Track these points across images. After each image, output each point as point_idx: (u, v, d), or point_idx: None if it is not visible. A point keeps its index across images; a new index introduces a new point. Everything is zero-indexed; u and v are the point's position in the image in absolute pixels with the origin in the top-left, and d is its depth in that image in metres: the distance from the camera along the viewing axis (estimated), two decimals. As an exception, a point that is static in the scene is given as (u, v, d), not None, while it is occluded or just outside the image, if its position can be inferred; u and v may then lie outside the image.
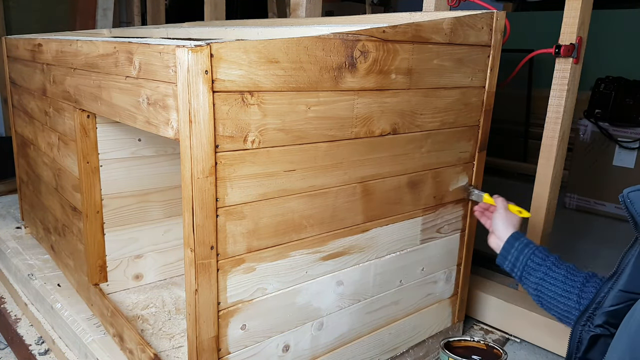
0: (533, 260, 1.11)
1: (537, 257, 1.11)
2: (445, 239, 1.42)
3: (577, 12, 1.44)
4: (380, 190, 1.19)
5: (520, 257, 1.13)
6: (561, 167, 1.59)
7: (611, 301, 0.84)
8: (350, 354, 1.26)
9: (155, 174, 1.53)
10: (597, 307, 0.86)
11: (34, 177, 1.86)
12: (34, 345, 1.50)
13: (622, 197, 0.80)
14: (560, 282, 1.05)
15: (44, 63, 1.54)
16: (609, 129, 2.63)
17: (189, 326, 0.96)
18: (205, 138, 0.86)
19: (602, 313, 0.85)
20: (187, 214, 0.89)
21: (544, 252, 1.12)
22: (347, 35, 1.00)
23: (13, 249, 1.88)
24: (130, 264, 1.54)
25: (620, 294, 0.83)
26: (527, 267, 1.11)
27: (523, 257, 1.12)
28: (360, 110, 1.08)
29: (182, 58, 0.82)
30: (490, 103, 1.38)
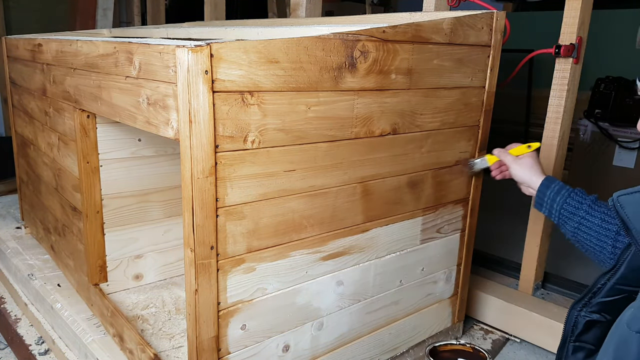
0: (566, 209, 1.11)
1: (570, 205, 1.11)
2: (445, 239, 1.42)
3: (577, 12, 1.44)
4: (380, 190, 1.19)
5: (554, 205, 1.13)
6: (561, 167, 1.59)
7: (606, 292, 0.86)
8: (350, 354, 1.26)
9: (155, 174, 1.53)
10: (593, 296, 0.88)
11: (34, 177, 1.86)
12: (34, 345, 1.50)
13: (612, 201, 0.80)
14: (595, 231, 1.05)
15: (44, 63, 1.54)
16: (609, 129, 2.63)
17: (189, 326, 0.96)
18: (205, 138, 0.86)
19: (597, 302, 0.87)
20: (187, 214, 0.89)
21: (578, 197, 1.12)
22: (347, 35, 1.00)
23: (13, 249, 1.88)
24: (130, 264, 1.54)
25: (614, 287, 0.85)
26: (562, 216, 1.11)
27: (557, 205, 1.12)
28: (360, 110, 1.08)
29: (182, 58, 0.82)
30: (490, 103, 1.38)
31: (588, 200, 1.11)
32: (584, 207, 1.09)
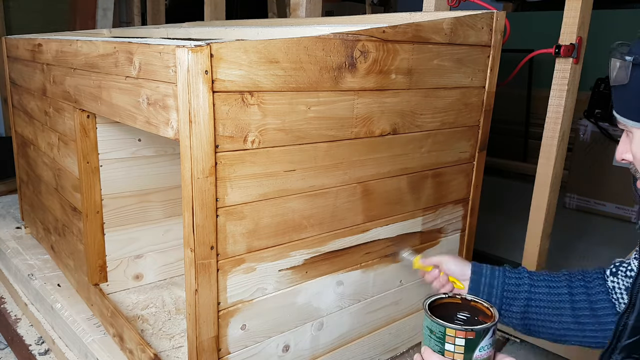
0: (509, 290, 0.99)
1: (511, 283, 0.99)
2: (445, 239, 1.42)
3: (577, 12, 1.44)
4: (380, 190, 1.19)
5: (494, 290, 1.00)
6: (561, 167, 1.59)
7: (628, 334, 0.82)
8: (350, 354, 1.26)
9: (155, 174, 1.53)
10: (618, 340, 0.84)
11: (34, 177, 1.86)
12: (34, 345, 1.50)
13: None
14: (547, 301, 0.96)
15: (44, 63, 1.54)
16: (609, 129, 2.63)
17: (189, 326, 0.96)
18: (205, 138, 0.86)
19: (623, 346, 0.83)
20: (187, 214, 0.89)
21: (512, 272, 1.01)
22: (347, 35, 1.00)
23: (13, 249, 1.88)
24: (130, 264, 1.54)
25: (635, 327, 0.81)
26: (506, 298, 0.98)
27: (496, 289, 0.99)
28: (360, 110, 1.08)
29: (182, 58, 0.82)
30: (490, 103, 1.38)
31: (523, 271, 1.01)
32: (525, 280, 0.99)
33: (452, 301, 0.83)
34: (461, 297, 0.83)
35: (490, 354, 0.74)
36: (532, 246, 1.64)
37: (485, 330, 0.73)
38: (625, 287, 0.94)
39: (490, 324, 0.74)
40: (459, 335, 0.73)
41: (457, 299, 0.83)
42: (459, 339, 0.73)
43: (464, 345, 0.73)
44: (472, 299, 0.83)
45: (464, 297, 0.83)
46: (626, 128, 0.79)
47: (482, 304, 0.81)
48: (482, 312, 0.81)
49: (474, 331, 0.72)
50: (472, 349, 0.73)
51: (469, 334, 0.72)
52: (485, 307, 0.80)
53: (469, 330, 0.72)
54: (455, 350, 0.73)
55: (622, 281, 0.94)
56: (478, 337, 0.72)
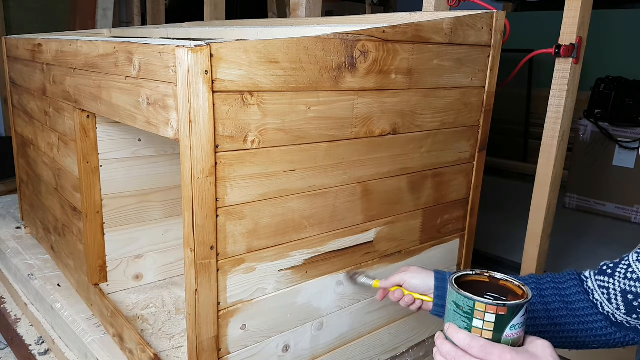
0: None
1: None
2: (445, 239, 1.42)
3: (577, 12, 1.44)
4: (380, 190, 1.19)
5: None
6: (561, 167, 1.59)
7: None
8: (350, 354, 1.26)
9: (155, 174, 1.53)
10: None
11: (34, 177, 1.86)
12: (34, 345, 1.50)
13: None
14: None
15: (44, 63, 1.54)
16: (609, 129, 2.63)
17: (189, 326, 0.96)
18: (205, 138, 0.86)
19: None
20: (187, 214, 0.89)
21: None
22: (347, 35, 1.00)
23: (13, 249, 1.88)
24: (130, 264, 1.54)
25: None
26: None
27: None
28: (360, 110, 1.08)
29: (182, 58, 0.82)
30: (490, 103, 1.38)
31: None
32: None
33: (480, 279, 0.76)
34: (489, 275, 0.77)
35: (521, 334, 0.68)
36: (532, 246, 1.64)
37: (518, 306, 0.66)
38: (622, 290, 0.91)
39: (524, 300, 0.67)
40: (490, 310, 0.66)
41: (485, 277, 0.76)
42: (489, 315, 0.66)
43: (494, 321, 0.66)
44: (501, 277, 0.76)
45: (493, 275, 0.77)
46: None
47: (513, 283, 0.74)
48: (512, 292, 0.74)
49: (506, 306, 0.66)
50: (503, 326, 0.66)
51: (501, 309, 0.66)
52: (516, 287, 0.74)
53: (501, 306, 0.66)
54: (484, 327, 0.67)
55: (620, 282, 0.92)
56: (510, 314, 0.66)
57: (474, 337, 0.67)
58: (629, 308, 0.89)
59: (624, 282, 0.91)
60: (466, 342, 0.67)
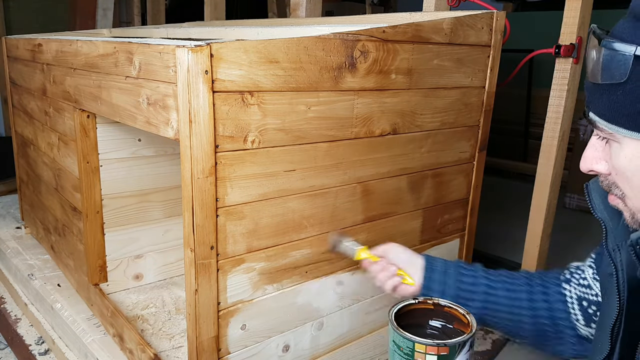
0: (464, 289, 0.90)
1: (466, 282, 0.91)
2: (445, 239, 1.42)
3: (577, 12, 1.44)
4: (380, 190, 1.19)
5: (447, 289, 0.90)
6: (561, 167, 1.59)
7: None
8: (350, 354, 1.26)
9: (155, 174, 1.53)
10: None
11: (34, 177, 1.86)
12: (34, 345, 1.50)
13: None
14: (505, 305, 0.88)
15: (44, 63, 1.54)
16: (609, 129, 2.63)
17: (189, 326, 0.96)
18: (205, 138, 0.86)
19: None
20: (187, 214, 0.89)
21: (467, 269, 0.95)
22: (347, 35, 1.00)
23: (13, 249, 1.88)
24: (130, 264, 1.54)
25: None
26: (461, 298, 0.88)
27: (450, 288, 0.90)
28: (360, 110, 1.08)
29: (182, 58, 0.82)
30: (490, 103, 1.38)
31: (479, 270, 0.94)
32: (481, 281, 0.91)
33: (424, 307, 0.74)
34: (433, 302, 0.75)
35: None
36: (532, 246, 1.64)
37: (461, 344, 0.63)
38: (578, 297, 0.88)
39: (467, 335, 0.64)
40: (430, 351, 0.62)
41: (429, 305, 0.74)
42: (430, 356, 0.63)
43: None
44: (445, 304, 0.74)
45: (437, 302, 0.75)
46: (608, 136, 0.66)
47: (458, 310, 0.72)
48: (457, 319, 0.71)
49: (447, 346, 0.62)
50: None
51: (442, 349, 0.62)
52: (461, 314, 0.71)
53: (442, 345, 0.62)
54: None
55: (575, 289, 0.89)
56: (453, 353, 0.62)
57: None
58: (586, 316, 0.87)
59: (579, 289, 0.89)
60: None
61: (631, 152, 0.63)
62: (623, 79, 0.59)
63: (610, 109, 0.63)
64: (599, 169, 0.69)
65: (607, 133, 0.65)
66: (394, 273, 0.98)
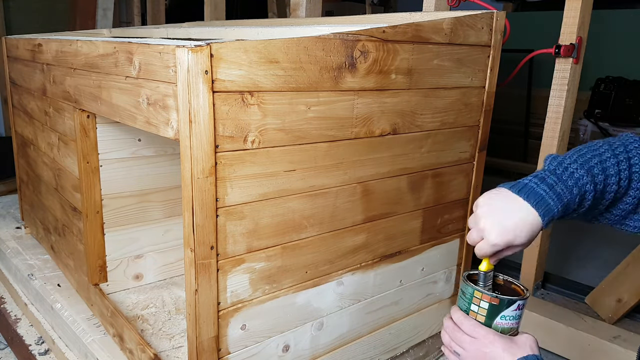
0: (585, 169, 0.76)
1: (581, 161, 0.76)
2: (445, 239, 1.41)
3: (577, 12, 1.44)
4: (380, 190, 1.19)
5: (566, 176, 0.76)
6: (561, 167, 1.59)
7: None
8: (350, 354, 1.26)
9: (155, 174, 1.53)
10: None
11: (34, 177, 1.86)
12: (34, 345, 1.50)
13: None
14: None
15: (44, 63, 1.54)
16: (609, 129, 2.63)
17: (189, 326, 0.96)
18: (205, 138, 0.86)
19: None
20: (187, 214, 0.89)
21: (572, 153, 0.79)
22: (347, 35, 1.00)
23: (13, 249, 1.88)
24: (130, 264, 1.54)
25: None
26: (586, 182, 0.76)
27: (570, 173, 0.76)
28: (360, 110, 1.08)
29: (182, 58, 0.82)
30: (490, 103, 1.38)
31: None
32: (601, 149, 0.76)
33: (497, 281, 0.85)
34: (504, 278, 0.86)
35: (513, 326, 0.77)
36: (532, 246, 1.64)
37: (510, 301, 0.76)
38: None
39: (517, 297, 0.77)
40: (485, 298, 0.77)
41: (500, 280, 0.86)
42: (483, 302, 0.77)
43: (487, 308, 0.77)
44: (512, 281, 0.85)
45: (506, 279, 0.86)
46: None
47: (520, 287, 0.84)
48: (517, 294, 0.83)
49: (498, 298, 0.76)
50: (494, 314, 0.76)
51: (494, 299, 0.76)
52: (521, 290, 0.83)
53: (494, 297, 0.76)
54: (478, 312, 0.78)
55: None
56: (501, 306, 0.76)
57: (467, 317, 0.78)
58: None
59: None
60: (459, 321, 0.78)
61: None
62: None
63: None
64: None
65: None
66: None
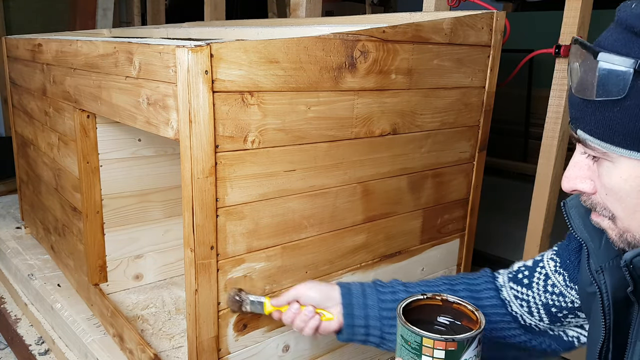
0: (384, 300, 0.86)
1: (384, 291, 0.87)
2: (445, 239, 1.41)
3: (577, 12, 1.44)
4: (380, 191, 1.19)
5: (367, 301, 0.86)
6: (561, 167, 1.59)
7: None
8: (350, 354, 1.26)
9: (155, 174, 1.53)
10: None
11: (34, 177, 1.86)
12: (34, 345, 1.50)
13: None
14: None
15: (44, 63, 1.54)
16: (609, 129, 2.63)
17: (189, 326, 0.96)
18: (205, 138, 0.86)
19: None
20: (187, 214, 0.89)
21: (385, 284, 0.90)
22: (347, 35, 1.00)
23: (13, 249, 1.88)
24: (130, 264, 1.54)
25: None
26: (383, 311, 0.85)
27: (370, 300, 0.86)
28: (360, 110, 1.08)
29: (182, 58, 0.82)
30: (490, 103, 1.38)
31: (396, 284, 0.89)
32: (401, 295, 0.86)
33: (432, 303, 0.74)
34: (442, 298, 0.74)
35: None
36: (532, 246, 1.64)
37: (470, 339, 0.63)
38: (544, 304, 0.84)
39: (475, 331, 0.65)
40: (438, 346, 0.63)
41: (437, 301, 0.74)
42: (438, 351, 0.63)
43: (444, 357, 0.63)
44: (454, 300, 0.73)
45: (445, 298, 0.74)
46: (601, 155, 0.60)
47: (466, 307, 0.72)
48: (466, 316, 0.71)
49: (455, 341, 0.63)
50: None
51: (450, 344, 0.63)
52: (469, 311, 0.71)
53: (450, 340, 0.63)
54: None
55: (541, 296, 0.85)
56: (461, 348, 0.63)
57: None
58: (553, 319, 0.85)
59: (545, 295, 0.85)
60: None
61: (627, 172, 0.58)
62: (621, 95, 0.55)
63: (606, 126, 0.57)
64: (584, 188, 0.64)
65: (600, 152, 0.59)
66: (311, 314, 0.90)
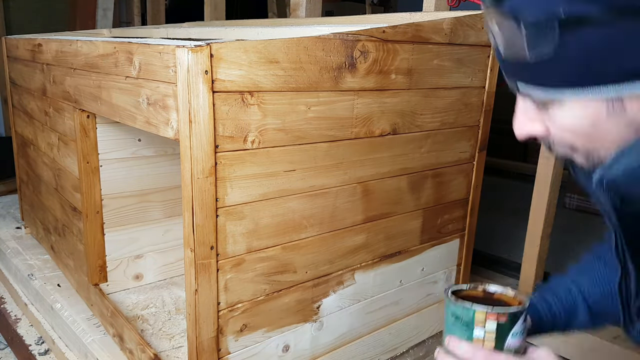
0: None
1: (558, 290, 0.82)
2: (445, 239, 1.42)
3: (577, 12, 1.44)
4: (380, 191, 1.19)
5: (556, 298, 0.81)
6: (561, 167, 1.59)
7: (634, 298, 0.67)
8: (350, 354, 1.26)
9: (155, 174, 1.53)
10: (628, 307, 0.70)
11: (34, 177, 1.86)
12: (34, 345, 1.50)
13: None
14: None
15: (44, 63, 1.54)
16: (609, 129, 2.63)
17: (189, 326, 0.96)
18: (205, 138, 0.86)
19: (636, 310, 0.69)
20: (187, 214, 0.89)
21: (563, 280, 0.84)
22: (347, 36, 1.00)
23: (13, 249, 1.88)
24: (130, 264, 1.54)
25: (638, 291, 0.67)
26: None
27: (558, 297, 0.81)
28: (360, 110, 1.08)
29: (182, 58, 0.82)
30: (490, 103, 1.38)
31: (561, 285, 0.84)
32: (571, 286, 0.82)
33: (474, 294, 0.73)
34: (484, 289, 0.74)
35: (523, 343, 0.67)
36: (532, 246, 1.64)
37: (518, 313, 0.65)
38: None
39: (522, 307, 0.66)
40: (490, 318, 0.64)
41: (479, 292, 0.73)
42: (490, 323, 0.64)
43: (495, 330, 0.64)
44: (495, 290, 0.73)
45: (487, 289, 0.74)
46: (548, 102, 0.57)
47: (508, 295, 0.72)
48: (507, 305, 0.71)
49: (506, 314, 0.64)
50: (505, 334, 0.65)
51: (501, 316, 0.64)
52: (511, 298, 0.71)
53: (501, 313, 0.64)
54: (485, 337, 0.64)
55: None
56: (510, 321, 0.64)
57: (477, 347, 0.64)
58: None
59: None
60: (469, 354, 0.64)
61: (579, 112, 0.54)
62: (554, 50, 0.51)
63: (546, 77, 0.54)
64: (537, 131, 0.60)
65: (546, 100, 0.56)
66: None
